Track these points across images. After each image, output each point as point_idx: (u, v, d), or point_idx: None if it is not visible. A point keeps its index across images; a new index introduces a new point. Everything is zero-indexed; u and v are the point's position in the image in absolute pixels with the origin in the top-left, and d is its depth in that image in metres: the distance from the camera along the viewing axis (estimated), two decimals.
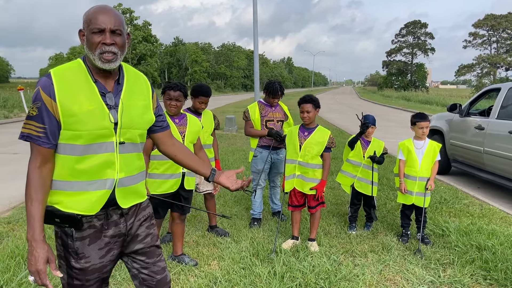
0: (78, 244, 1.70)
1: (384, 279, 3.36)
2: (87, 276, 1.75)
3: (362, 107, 29.50)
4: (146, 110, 1.81)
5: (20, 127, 1.64)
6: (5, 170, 7.44)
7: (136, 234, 1.87)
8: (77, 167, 1.63)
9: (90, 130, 1.60)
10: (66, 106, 1.58)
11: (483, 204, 5.54)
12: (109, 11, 1.63)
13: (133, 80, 1.80)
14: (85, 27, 1.64)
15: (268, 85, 4.42)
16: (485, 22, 52.72)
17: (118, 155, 1.70)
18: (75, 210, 1.65)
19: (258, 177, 4.56)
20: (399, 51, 64.60)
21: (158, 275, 1.95)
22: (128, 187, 1.77)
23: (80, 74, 1.65)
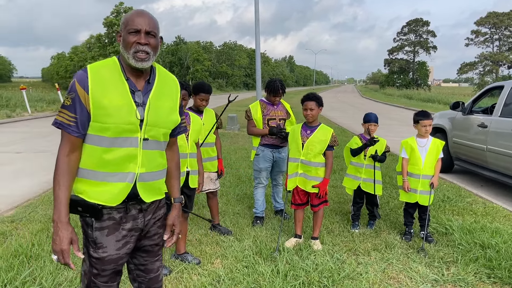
0: (97, 234, 1.80)
1: (388, 277, 3.35)
2: (103, 266, 1.84)
3: (364, 106, 29.48)
4: (172, 111, 1.90)
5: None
6: (8, 169, 7.45)
7: (148, 230, 1.95)
8: (104, 157, 1.73)
9: (117, 124, 1.71)
10: (97, 99, 1.69)
11: (486, 202, 5.53)
12: (146, 15, 1.77)
13: (163, 82, 1.89)
14: (122, 29, 1.77)
15: (269, 83, 4.41)
16: (487, 20, 52.56)
17: (141, 150, 1.79)
18: (98, 200, 1.76)
19: (262, 176, 4.56)
20: (401, 49, 64.48)
21: (152, 273, 2.06)
22: (149, 182, 1.85)
23: (114, 71, 1.76)
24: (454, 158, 7.27)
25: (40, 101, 22.21)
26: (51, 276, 3.18)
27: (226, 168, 7.38)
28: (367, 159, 4.34)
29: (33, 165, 7.79)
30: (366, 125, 4.41)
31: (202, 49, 68.69)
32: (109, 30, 47.67)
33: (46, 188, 6.13)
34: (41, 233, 4.12)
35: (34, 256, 3.56)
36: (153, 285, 2.08)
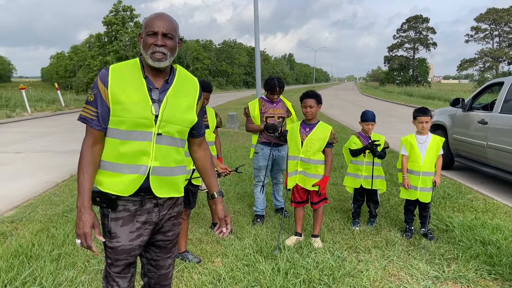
0: (112, 224, 1.89)
1: (388, 274, 3.35)
2: (116, 256, 1.92)
3: (364, 103, 29.45)
4: (189, 110, 1.96)
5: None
6: (8, 169, 7.45)
7: (162, 225, 2.01)
8: (119, 149, 1.83)
9: (133, 118, 1.80)
10: (116, 94, 1.80)
11: (486, 199, 5.52)
12: (164, 17, 1.87)
13: (182, 82, 1.97)
14: (142, 31, 1.88)
15: (267, 81, 4.41)
16: (487, 16, 52.46)
17: (154, 144, 1.86)
18: (111, 190, 1.85)
19: (261, 174, 4.55)
20: (400, 46, 64.39)
21: (162, 269, 2.13)
22: (163, 177, 1.91)
23: (134, 70, 1.88)
24: (454, 155, 7.26)
25: (40, 101, 22.18)
26: (51, 276, 3.18)
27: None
28: (367, 156, 4.33)
29: (33, 165, 7.79)
30: (363, 124, 4.40)
31: (201, 47, 68.61)
32: (109, 29, 47.60)
33: (46, 188, 6.13)
34: (41, 233, 4.12)
35: (34, 256, 3.56)
36: (162, 281, 2.14)
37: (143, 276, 2.16)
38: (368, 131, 4.37)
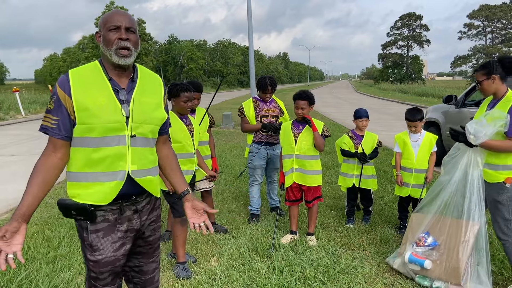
0: (93, 236, 1.80)
1: (383, 271, 3.38)
2: (101, 269, 1.84)
3: (359, 101, 29.54)
4: (157, 108, 1.90)
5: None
6: (3, 172, 7.43)
7: (144, 231, 1.96)
8: (92, 158, 1.74)
9: (103, 123, 1.72)
10: (80, 101, 1.70)
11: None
12: (124, 12, 1.81)
13: (146, 80, 1.90)
14: (101, 28, 1.79)
15: (259, 81, 4.44)
16: (480, 12, 52.77)
17: (129, 148, 1.79)
18: (89, 201, 1.76)
19: (256, 173, 4.58)
20: (394, 43, 64.59)
21: (147, 275, 2.06)
22: (145, 177, 1.86)
23: (96, 73, 1.78)
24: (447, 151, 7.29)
25: (34, 103, 22.08)
26: (47, 278, 3.18)
27: (221, 166, 7.40)
28: (359, 150, 4.37)
29: (27, 167, 7.71)
30: (357, 121, 4.43)
31: (195, 47, 68.49)
32: None
33: None
34: (37, 235, 4.12)
35: (30, 258, 3.56)
36: (149, 286, 2.07)
37: (128, 282, 2.09)
38: (362, 128, 4.40)
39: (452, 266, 2.97)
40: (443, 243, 3.09)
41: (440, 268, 3.02)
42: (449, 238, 3.07)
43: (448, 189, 3.14)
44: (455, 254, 2.97)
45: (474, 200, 2.99)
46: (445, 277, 2.99)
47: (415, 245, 3.21)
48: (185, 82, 3.39)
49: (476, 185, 3.00)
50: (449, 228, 3.09)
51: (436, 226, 3.17)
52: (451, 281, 2.95)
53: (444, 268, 3.00)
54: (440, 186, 3.22)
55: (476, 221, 2.98)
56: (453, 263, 2.96)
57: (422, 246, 3.17)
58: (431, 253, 3.11)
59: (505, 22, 52.30)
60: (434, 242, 3.15)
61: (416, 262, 3.13)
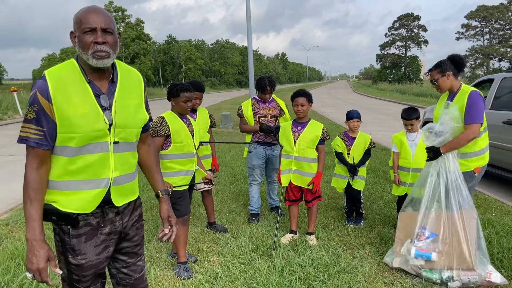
0: (75, 241, 1.74)
1: (383, 270, 3.40)
2: (84, 272, 1.79)
3: (357, 101, 29.58)
4: (139, 109, 1.83)
5: (15, 129, 1.67)
6: (1, 172, 7.42)
7: (127, 233, 1.92)
8: (70, 168, 1.66)
9: (85, 133, 1.63)
10: (62, 109, 1.60)
11: (478, 194, 5.59)
12: (99, 11, 1.65)
13: (126, 77, 1.81)
14: (76, 28, 1.65)
15: (258, 81, 4.44)
16: (478, 13, 52.93)
17: (112, 154, 1.73)
18: (71, 209, 1.69)
19: (256, 173, 4.59)
20: (392, 44, 64.72)
21: (136, 274, 2.02)
22: (123, 185, 1.81)
23: (74, 75, 1.66)
24: None
25: None
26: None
27: (221, 166, 7.41)
28: (350, 158, 4.37)
29: None
30: (349, 122, 4.42)
31: (194, 47, 68.46)
32: None
33: None
34: None
35: None
36: (138, 285, 2.04)
37: (116, 285, 2.03)
38: (354, 129, 4.39)
39: (461, 254, 3.10)
40: (443, 235, 3.19)
41: (448, 258, 3.13)
42: (449, 230, 3.19)
43: (432, 185, 3.30)
44: (462, 243, 3.11)
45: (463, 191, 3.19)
46: (456, 265, 3.10)
47: (416, 241, 3.27)
48: (185, 82, 3.39)
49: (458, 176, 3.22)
50: (447, 221, 3.21)
51: (429, 221, 3.28)
52: (463, 267, 3.07)
53: (453, 257, 3.12)
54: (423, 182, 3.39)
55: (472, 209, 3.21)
56: (462, 250, 3.09)
57: (424, 240, 3.25)
58: (434, 246, 3.19)
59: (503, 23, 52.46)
60: (432, 234, 3.24)
61: (423, 256, 3.20)
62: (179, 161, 3.24)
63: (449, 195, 3.20)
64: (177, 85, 3.30)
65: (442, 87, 3.41)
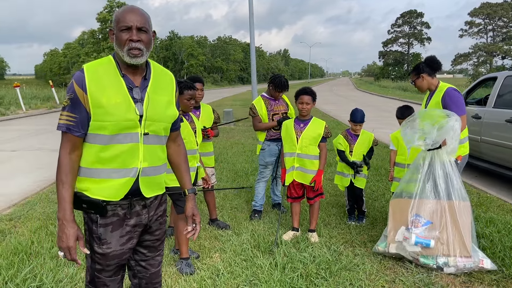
0: (102, 230, 1.82)
1: (384, 268, 3.40)
2: (108, 261, 1.87)
3: (359, 98, 29.54)
4: (169, 105, 1.92)
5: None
6: (4, 167, 7.45)
7: (151, 226, 1.98)
8: (102, 155, 1.75)
9: (117, 121, 1.72)
10: (96, 98, 1.70)
11: (480, 193, 5.59)
12: (136, 10, 1.77)
13: (159, 77, 1.91)
14: (114, 26, 1.77)
15: (276, 79, 4.43)
16: (481, 10, 52.61)
17: (142, 145, 1.81)
18: (101, 196, 1.78)
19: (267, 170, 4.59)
20: (395, 41, 64.51)
21: (153, 268, 2.09)
22: (151, 177, 1.88)
23: (110, 69, 1.78)
24: None
25: (35, 99, 22.08)
26: (51, 272, 3.20)
27: (222, 163, 7.42)
28: (353, 155, 4.35)
29: (29, 163, 7.79)
30: (352, 124, 4.41)
31: (196, 44, 68.40)
32: (103, 25, 47.39)
33: (43, 186, 6.14)
34: (40, 230, 4.14)
35: (34, 253, 3.59)
36: (154, 279, 2.10)
37: (132, 277, 2.11)
38: (357, 131, 4.38)
39: (460, 242, 3.27)
40: (438, 222, 3.35)
41: (445, 245, 3.29)
42: (444, 218, 3.35)
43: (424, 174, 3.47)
44: (459, 231, 3.29)
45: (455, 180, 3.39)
46: (453, 252, 3.26)
47: (413, 228, 3.40)
48: (188, 80, 3.40)
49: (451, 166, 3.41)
50: (441, 209, 3.37)
51: (423, 209, 3.43)
52: (461, 254, 3.25)
53: (450, 244, 3.27)
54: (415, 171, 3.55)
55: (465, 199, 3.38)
56: (460, 238, 3.28)
57: (420, 227, 3.39)
58: (432, 233, 3.34)
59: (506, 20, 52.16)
60: (428, 222, 3.39)
61: (423, 243, 3.33)
62: None
63: (442, 184, 3.40)
64: (180, 82, 3.30)
65: (419, 87, 3.82)
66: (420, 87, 3.81)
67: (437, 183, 3.43)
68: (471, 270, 3.24)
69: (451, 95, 3.57)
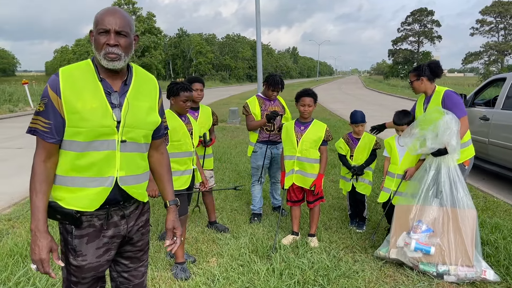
0: (77, 242, 1.74)
1: (384, 275, 3.32)
2: (83, 274, 1.79)
3: (368, 97, 29.30)
4: (151, 112, 1.83)
5: (25, 121, 1.66)
6: (9, 164, 7.47)
7: (131, 237, 1.90)
8: (77, 163, 1.68)
9: (92, 127, 1.64)
10: (70, 103, 1.63)
11: (487, 197, 5.47)
12: (116, 13, 1.68)
13: (141, 82, 1.82)
14: (94, 29, 1.70)
15: (269, 77, 4.36)
16: (493, 8, 51.87)
17: (119, 153, 1.72)
18: (75, 206, 1.70)
19: (260, 172, 4.52)
20: (405, 39, 63.93)
21: (136, 279, 2.01)
22: (133, 185, 1.80)
23: (87, 73, 1.70)
24: None
25: None
26: (45, 276, 3.17)
27: (225, 163, 7.36)
28: (354, 160, 4.22)
29: None
30: (353, 126, 4.21)
31: (205, 41, 68.41)
32: None
33: None
34: None
35: (29, 255, 3.54)
36: None
37: None
38: (359, 133, 4.21)
39: (462, 250, 3.21)
40: (440, 230, 3.30)
41: (446, 253, 3.23)
42: (446, 225, 3.29)
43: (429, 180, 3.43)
44: (462, 239, 3.22)
45: (460, 187, 3.35)
46: (454, 261, 3.19)
47: (412, 233, 3.36)
48: (185, 82, 3.33)
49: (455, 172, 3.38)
50: (444, 216, 3.32)
51: (425, 215, 3.39)
52: (463, 263, 3.17)
53: (452, 253, 3.22)
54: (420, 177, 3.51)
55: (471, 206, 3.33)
56: (463, 247, 3.21)
57: (419, 233, 3.34)
58: (433, 240, 3.29)
59: None
60: (429, 229, 3.34)
61: (422, 249, 3.28)
62: (177, 160, 3.19)
63: (447, 191, 3.35)
64: (177, 84, 3.25)
65: (416, 89, 3.77)
66: (416, 89, 3.76)
67: (441, 190, 3.37)
68: (473, 280, 3.15)
69: (451, 97, 3.56)
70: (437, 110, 3.44)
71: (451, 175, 3.37)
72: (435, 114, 3.38)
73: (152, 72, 37.55)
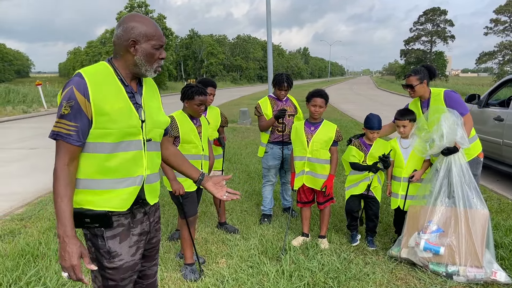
0: (110, 243, 1.73)
1: (395, 278, 3.27)
2: (122, 275, 1.77)
3: (380, 98, 29.05)
4: (160, 111, 1.90)
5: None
6: (23, 165, 7.56)
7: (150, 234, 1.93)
8: (107, 165, 1.67)
9: (120, 128, 1.66)
10: (99, 105, 1.62)
11: (501, 199, 5.37)
12: (159, 27, 1.75)
13: (147, 83, 1.88)
14: (143, 39, 1.69)
15: (276, 77, 4.34)
16: (507, 8, 51.03)
17: (145, 152, 1.77)
18: (106, 207, 1.69)
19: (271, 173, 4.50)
20: (417, 39, 63.21)
21: (150, 279, 2.03)
22: (153, 184, 1.85)
23: (108, 76, 1.70)
24: None
25: (56, 97, 22.46)
26: (55, 275, 3.19)
27: (235, 164, 7.35)
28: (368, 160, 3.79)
29: (46, 161, 7.86)
30: (368, 131, 3.79)
31: (216, 42, 68.60)
32: None
33: None
34: (49, 231, 4.15)
35: (40, 255, 3.58)
36: None
37: None
38: (373, 139, 3.82)
39: (471, 251, 3.17)
40: (451, 230, 3.27)
41: (456, 253, 3.20)
42: (457, 226, 3.26)
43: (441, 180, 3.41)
44: (472, 240, 3.19)
45: (472, 187, 3.32)
46: (464, 261, 3.17)
47: (422, 233, 3.35)
48: (199, 85, 3.30)
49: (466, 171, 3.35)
50: (456, 217, 3.28)
51: (436, 215, 3.36)
52: (472, 264, 3.15)
53: (461, 253, 3.19)
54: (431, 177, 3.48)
55: (484, 209, 3.28)
56: (473, 248, 3.17)
57: (429, 233, 3.32)
58: (443, 240, 3.26)
59: None
60: (439, 229, 3.31)
61: (431, 249, 3.27)
62: None
63: (458, 191, 3.32)
64: (192, 87, 3.23)
65: (418, 92, 3.70)
66: (418, 92, 3.70)
67: (452, 190, 3.34)
68: (482, 281, 3.11)
69: (452, 96, 3.59)
70: (436, 109, 3.46)
71: (462, 175, 3.34)
72: (435, 114, 3.41)
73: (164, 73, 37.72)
